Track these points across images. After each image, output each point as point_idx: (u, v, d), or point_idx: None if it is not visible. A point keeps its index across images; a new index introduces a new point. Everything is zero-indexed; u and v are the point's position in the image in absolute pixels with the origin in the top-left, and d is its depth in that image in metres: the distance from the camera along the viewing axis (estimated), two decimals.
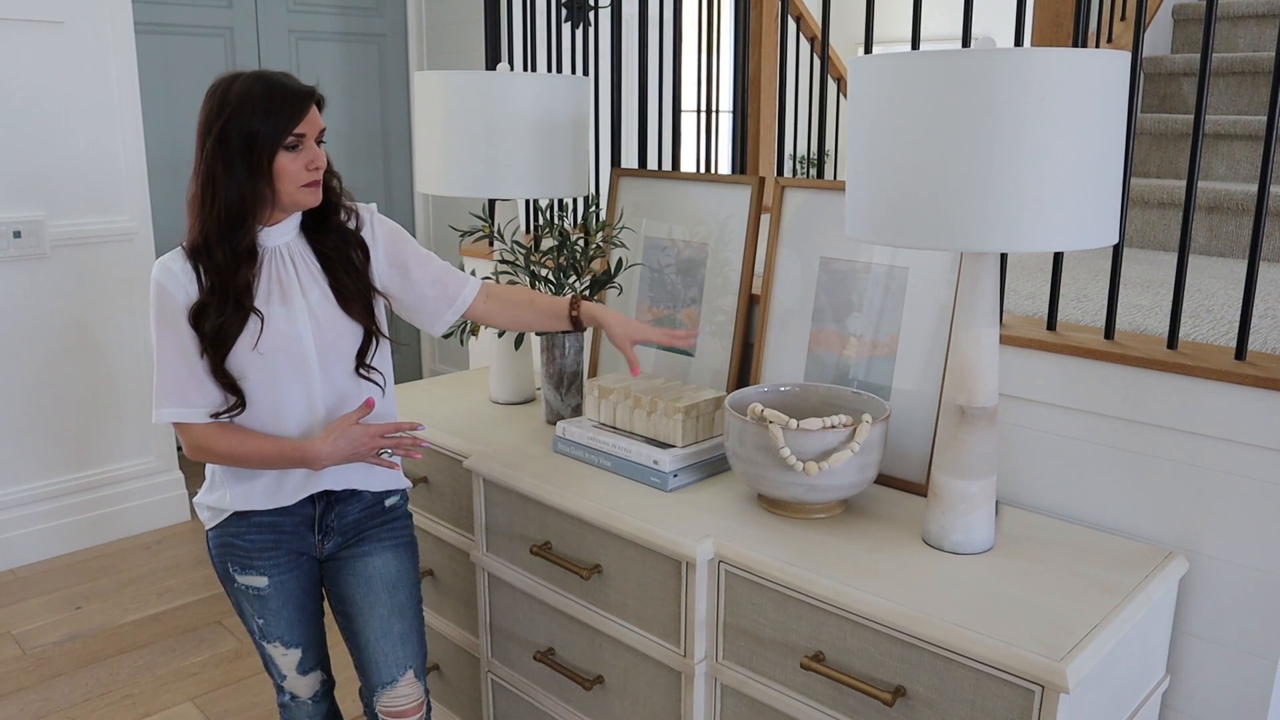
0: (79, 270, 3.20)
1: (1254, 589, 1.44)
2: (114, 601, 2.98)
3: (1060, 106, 1.19)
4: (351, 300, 1.57)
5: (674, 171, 2.16)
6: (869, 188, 1.31)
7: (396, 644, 1.66)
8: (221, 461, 1.53)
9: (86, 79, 3.13)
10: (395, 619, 1.66)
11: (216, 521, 1.60)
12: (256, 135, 1.42)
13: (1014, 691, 1.20)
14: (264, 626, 1.63)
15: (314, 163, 1.47)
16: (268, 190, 1.46)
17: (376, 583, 1.65)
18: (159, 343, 1.51)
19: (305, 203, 1.50)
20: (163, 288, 1.48)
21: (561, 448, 1.86)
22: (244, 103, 1.42)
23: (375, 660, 1.66)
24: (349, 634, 1.69)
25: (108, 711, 2.44)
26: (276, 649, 1.65)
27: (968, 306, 1.39)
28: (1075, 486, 1.60)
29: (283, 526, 1.59)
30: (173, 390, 1.50)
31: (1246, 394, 1.41)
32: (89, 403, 3.30)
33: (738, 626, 1.50)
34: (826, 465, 1.48)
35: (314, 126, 1.47)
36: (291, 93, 1.45)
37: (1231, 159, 2.84)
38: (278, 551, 1.60)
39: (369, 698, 1.70)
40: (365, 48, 4.32)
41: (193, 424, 1.51)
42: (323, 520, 1.62)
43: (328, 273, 1.56)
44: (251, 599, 1.61)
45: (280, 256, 1.53)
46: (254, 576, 1.60)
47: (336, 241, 1.58)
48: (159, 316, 1.50)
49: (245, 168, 1.43)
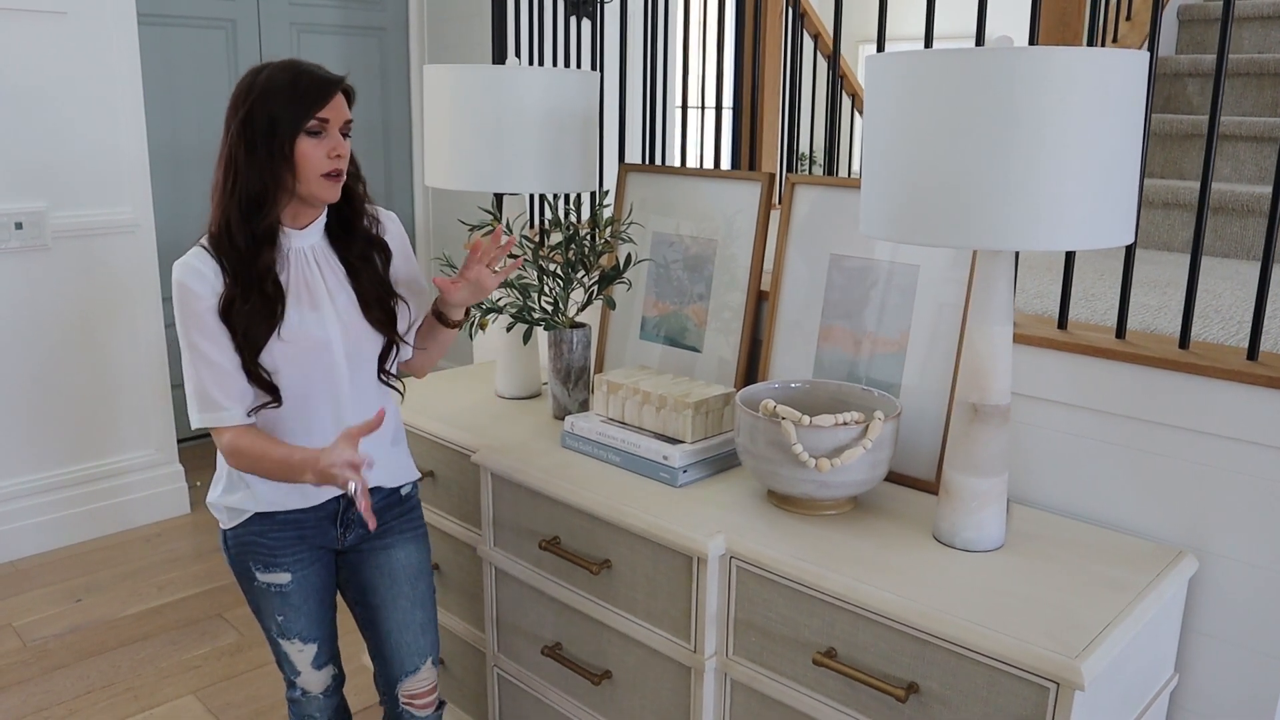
0: (80, 262, 3.19)
1: (1264, 588, 1.45)
2: (114, 594, 2.97)
3: (1079, 105, 1.19)
4: (373, 306, 1.57)
5: (682, 167, 2.16)
6: (885, 185, 1.31)
7: (418, 634, 1.70)
8: (250, 468, 1.49)
9: (88, 70, 3.12)
10: (417, 609, 1.70)
11: (238, 521, 1.59)
12: (279, 119, 1.42)
13: (1029, 689, 1.21)
14: (284, 624, 1.63)
15: (336, 150, 1.47)
16: (289, 176, 1.45)
17: (400, 574, 1.68)
18: (189, 348, 1.47)
19: (324, 196, 1.49)
20: (187, 287, 1.46)
21: (570, 443, 1.85)
22: (270, 87, 1.43)
23: (398, 651, 1.69)
24: (370, 624, 1.70)
25: (109, 704, 2.43)
26: (294, 645, 1.65)
27: (981, 304, 1.39)
28: (1086, 485, 1.60)
29: (306, 523, 1.59)
30: (208, 395, 1.47)
31: (1259, 394, 1.41)
32: (89, 395, 3.29)
33: (749, 622, 1.50)
34: (839, 462, 1.48)
35: (339, 115, 1.47)
36: (318, 79, 1.45)
37: (1236, 160, 2.85)
38: (301, 547, 1.60)
39: (389, 686, 1.73)
40: (366, 41, 4.31)
41: (228, 428, 1.49)
42: (345, 514, 1.63)
43: (352, 277, 1.56)
44: (273, 597, 1.61)
45: (305, 259, 1.53)
46: (278, 574, 1.59)
47: (361, 247, 1.58)
48: (186, 318, 1.46)
49: (267, 152, 1.43)
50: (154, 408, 3.42)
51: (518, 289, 1.96)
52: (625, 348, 2.18)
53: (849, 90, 4.37)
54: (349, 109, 1.50)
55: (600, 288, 1.99)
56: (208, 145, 3.87)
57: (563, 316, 2.00)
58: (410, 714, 1.75)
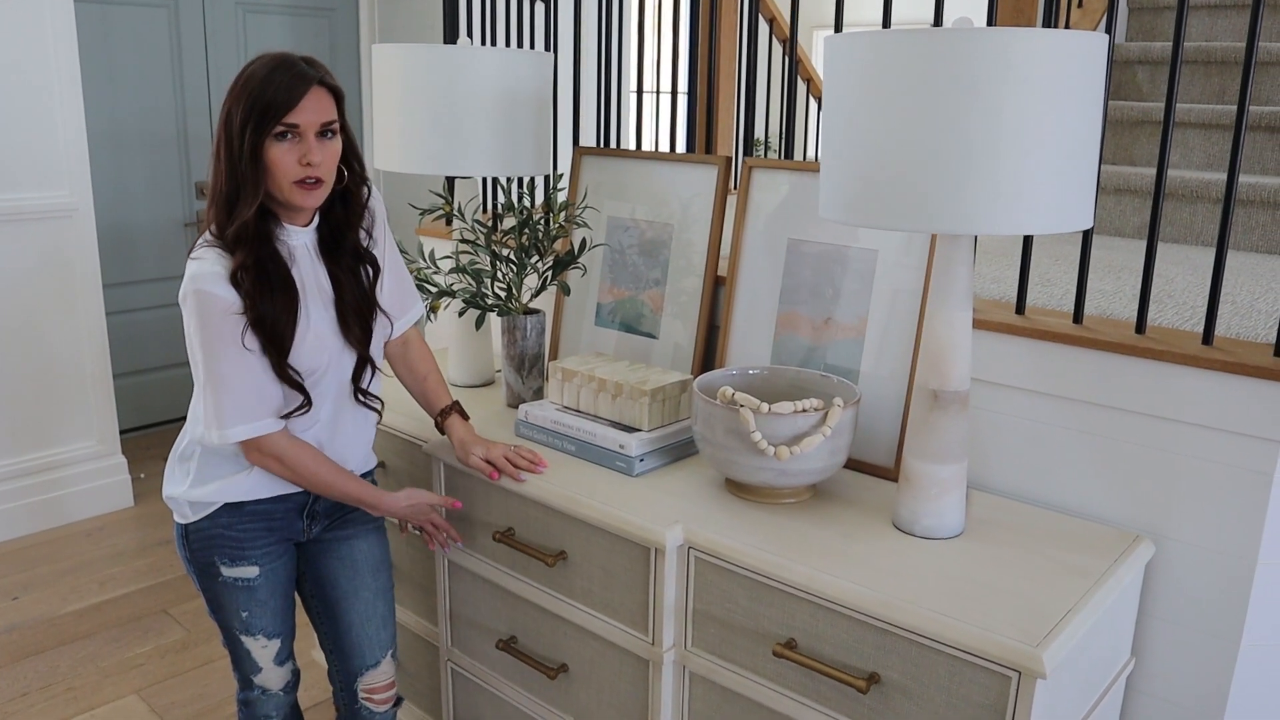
0: (17, 247, 3.07)
1: (1218, 572, 1.45)
2: (53, 591, 2.88)
3: (1039, 88, 1.17)
4: (351, 325, 1.52)
5: (638, 151, 2.12)
6: (844, 168, 1.29)
7: (380, 627, 1.69)
8: (289, 475, 1.49)
9: (22, 49, 3.00)
10: (379, 601, 1.69)
11: (203, 515, 1.53)
12: (248, 121, 1.35)
13: (990, 677, 1.20)
14: (248, 620, 1.58)
15: (306, 157, 1.38)
16: (263, 179, 1.39)
17: (362, 566, 1.66)
18: (211, 359, 1.40)
19: (298, 203, 1.42)
20: (206, 293, 1.37)
21: (524, 431, 1.82)
22: (247, 85, 1.36)
23: (359, 644, 1.67)
24: (330, 617, 1.67)
25: (48, 705, 2.35)
26: (258, 642, 1.60)
27: (941, 289, 1.37)
28: (1043, 470, 1.60)
29: (275, 514, 1.55)
30: (240, 405, 1.41)
31: (1213, 378, 1.41)
32: (28, 385, 3.17)
33: (707, 613, 1.47)
34: (798, 450, 1.46)
35: (314, 118, 1.38)
36: (289, 79, 1.36)
37: (1185, 146, 2.88)
38: (270, 539, 1.56)
39: (348, 680, 1.70)
40: (315, 21, 4.21)
41: (267, 436, 1.44)
42: (313, 505, 1.60)
43: (335, 292, 1.51)
44: (238, 592, 1.56)
45: (311, 256, 1.49)
46: (245, 567, 1.55)
47: (349, 263, 1.52)
48: (206, 326, 1.38)
49: (240, 153, 1.36)
50: (96, 398, 3.32)
51: (470, 274, 1.92)
52: (580, 334, 2.15)
53: (804, 75, 4.36)
54: (336, 108, 1.42)
55: (555, 273, 1.95)
56: (150, 127, 3.76)
57: (516, 302, 1.96)
58: (368, 710, 1.71)
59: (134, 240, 3.88)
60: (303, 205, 1.42)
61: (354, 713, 1.71)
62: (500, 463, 1.65)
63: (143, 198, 3.86)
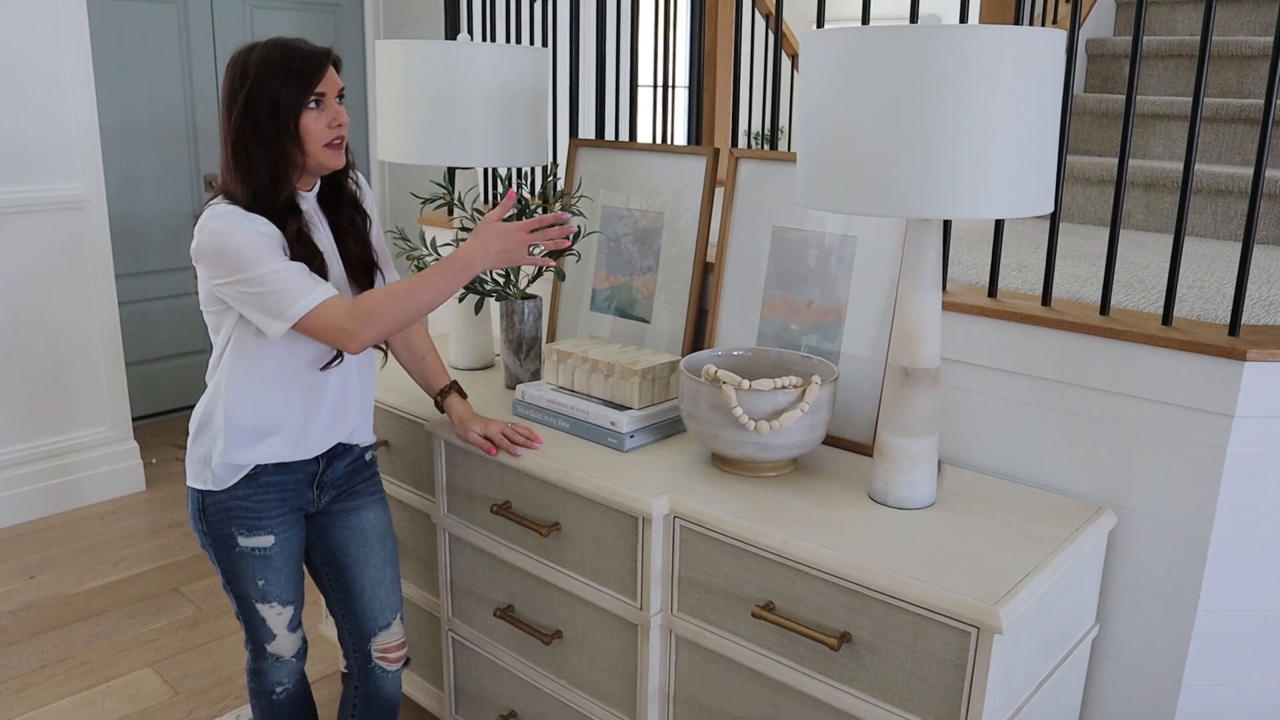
0: (32, 237, 3.17)
1: (1177, 541, 1.53)
2: (69, 570, 2.98)
3: (999, 81, 1.24)
4: (358, 271, 1.64)
5: (631, 142, 2.20)
6: (818, 156, 1.37)
7: (390, 590, 1.78)
8: (390, 316, 1.49)
9: (37, 44, 3.09)
10: (388, 567, 1.78)
11: (225, 485, 1.59)
12: (279, 99, 1.47)
13: (951, 634, 1.28)
14: (264, 587, 1.66)
15: (336, 119, 1.53)
16: (297, 152, 1.50)
17: (370, 533, 1.75)
18: (258, 264, 1.43)
19: (331, 164, 1.54)
20: (240, 227, 1.44)
21: (521, 410, 1.90)
22: (264, 69, 1.47)
23: (371, 607, 1.77)
24: (341, 583, 1.76)
25: (66, 677, 2.45)
26: (273, 609, 1.68)
27: (912, 272, 1.45)
28: (1013, 445, 1.68)
29: (287, 484, 1.63)
30: (301, 283, 1.46)
31: (1172, 357, 1.49)
32: (43, 372, 3.27)
33: (691, 579, 1.56)
34: (778, 424, 1.54)
35: (333, 85, 1.52)
36: (308, 54, 1.49)
37: (1169, 138, 2.94)
38: (283, 509, 1.64)
39: (361, 642, 1.79)
40: (322, 16, 4.29)
41: (328, 304, 1.47)
42: (323, 475, 1.68)
43: (339, 242, 1.62)
44: (255, 560, 1.64)
45: (315, 220, 1.59)
46: (262, 537, 1.62)
47: (350, 212, 1.64)
48: (251, 244, 1.44)
49: (273, 132, 1.48)
50: (109, 385, 3.41)
51: None
52: (577, 319, 2.23)
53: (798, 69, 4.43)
54: (339, 76, 1.55)
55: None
56: (160, 121, 3.85)
57: (514, 288, 2.04)
58: (381, 669, 1.81)
59: (144, 232, 3.97)
60: (333, 165, 1.55)
61: (368, 672, 1.81)
62: (498, 439, 1.73)
63: (152, 190, 3.95)
